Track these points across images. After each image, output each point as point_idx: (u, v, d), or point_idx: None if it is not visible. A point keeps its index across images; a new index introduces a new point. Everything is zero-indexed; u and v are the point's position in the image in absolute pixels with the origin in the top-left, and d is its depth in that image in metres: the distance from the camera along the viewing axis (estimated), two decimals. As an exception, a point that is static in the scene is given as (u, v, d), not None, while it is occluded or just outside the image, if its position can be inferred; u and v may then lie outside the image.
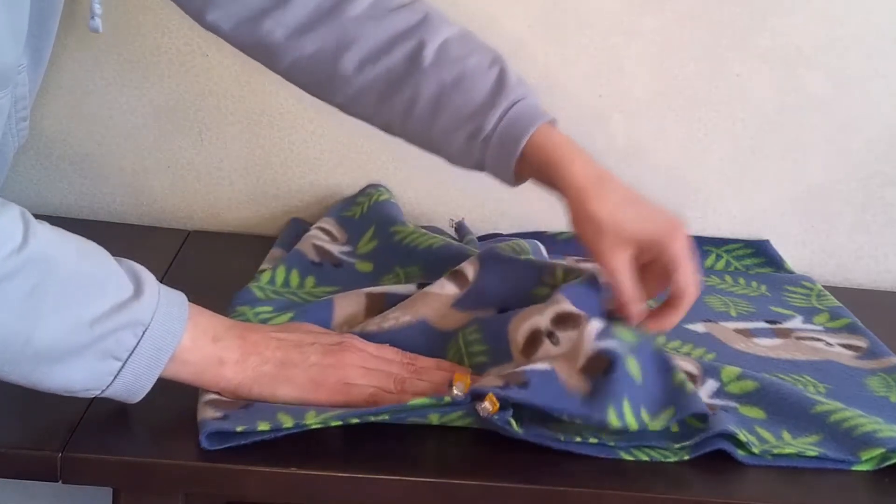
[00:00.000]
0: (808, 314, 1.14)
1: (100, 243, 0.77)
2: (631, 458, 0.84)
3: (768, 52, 1.22)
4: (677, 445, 0.84)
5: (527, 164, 0.93)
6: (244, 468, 0.79)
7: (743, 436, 0.85)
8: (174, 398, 0.84)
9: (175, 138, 1.23)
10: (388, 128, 0.99)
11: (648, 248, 0.88)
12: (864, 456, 0.86)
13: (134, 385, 0.77)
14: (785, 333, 1.09)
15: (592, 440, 0.84)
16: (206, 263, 1.15)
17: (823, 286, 1.24)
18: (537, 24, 1.20)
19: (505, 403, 0.82)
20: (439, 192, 1.26)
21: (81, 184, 1.24)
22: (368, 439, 0.82)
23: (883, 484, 0.86)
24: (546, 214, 1.27)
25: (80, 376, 0.75)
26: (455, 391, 0.83)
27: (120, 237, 1.19)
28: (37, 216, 0.76)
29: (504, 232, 1.27)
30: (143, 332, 0.76)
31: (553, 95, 1.22)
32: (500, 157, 0.93)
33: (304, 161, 1.24)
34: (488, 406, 0.81)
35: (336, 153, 1.24)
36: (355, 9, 0.95)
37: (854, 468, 0.86)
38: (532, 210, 1.27)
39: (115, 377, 0.76)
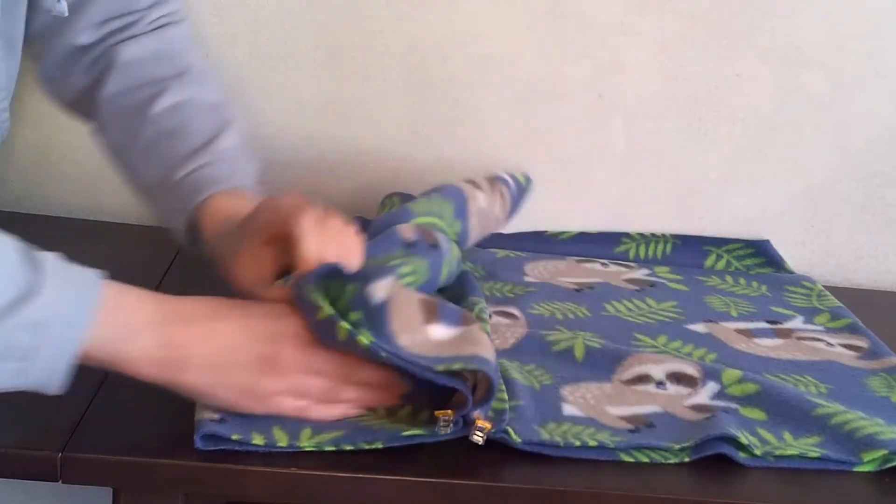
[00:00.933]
0: (809, 314, 1.14)
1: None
2: (631, 460, 0.84)
3: (768, 52, 1.22)
4: (677, 447, 0.84)
5: (201, 227, 0.92)
6: (244, 468, 0.79)
7: (744, 438, 0.85)
8: (174, 398, 0.84)
9: (175, 138, 1.23)
10: (117, 165, 1.00)
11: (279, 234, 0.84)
12: (866, 457, 0.86)
13: (45, 378, 0.74)
14: (786, 334, 1.09)
15: (592, 443, 0.84)
16: (206, 263, 1.15)
17: (823, 286, 1.24)
18: (537, 24, 1.20)
19: (498, 417, 0.83)
20: (439, 192, 1.26)
21: (81, 184, 1.24)
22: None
23: (884, 484, 0.86)
24: (545, 217, 1.27)
25: None
26: (444, 429, 0.81)
27: (120, 237, 1.19)
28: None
29: (504, 232, 1.27)
30: (43, 332, 0.71)
31: (553, 95, 1.23)
32: (176, 213, 0.93)
33: (304, 161, 1.24)
34: (480, 436, 0.81)
35: (336, 153, 1.24)
36: (133, 50, 0.98)
37: (856, 469, 0.86)
38: (532, 210, 1.27)
39: (23, 377, 0.73)
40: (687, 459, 0.84)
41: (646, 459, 0.84)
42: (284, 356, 0.79)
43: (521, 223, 1.27)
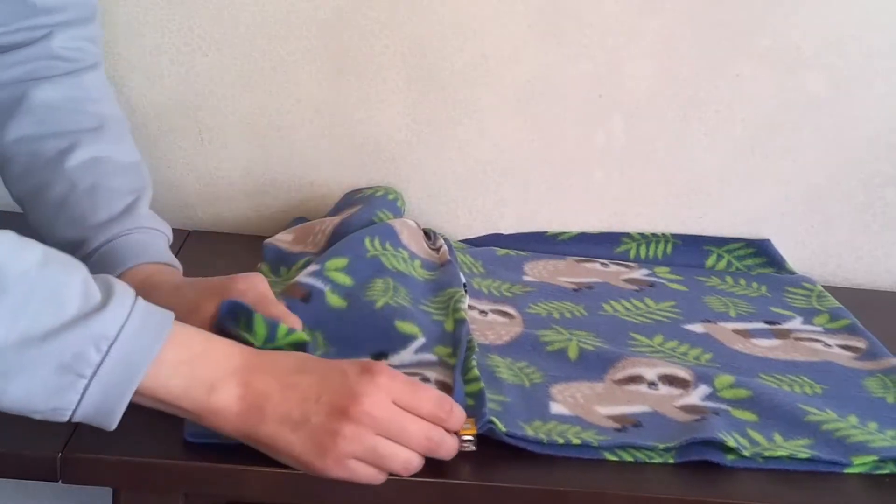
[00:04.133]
0: (808, 315, 1.14)
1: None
2: (615, 459, 0.84)
3: (768, 52, 1.22)
4: (662, 447, 0.84)
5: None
6: (244, 468, 0.79)
7: (732, 441, 0.85)
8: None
9: (175, 138, 1.23)
10: (22, 208, 0.97)
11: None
12: (857, 461, 0.86)
13: (104, 405, 0.71)
14: (784, 334, 1.09)
15: (575, 441, 0.84)
16: (207, 263, 1.15)
17: (823, 286, 1.24)
18: (537, 24, 1.20)
19: (479, 408, 0.84)
20: (439, 193, 1.26)
21: (81, 184, 1.24)
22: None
23: (883, 485, 0.86)
24: (545, 217, 1.27)
25: (40, 393, 0.69)
26: (469, 446, 0.82)
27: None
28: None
29: (504, 232, 1.27)
30: (109, 347, 0.70)
31: (553, 95, 1.23)
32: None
33: (304, 161, 1.24)
34: (469, 441, 0.81)
35: (336, 153, 1.24)
36: (46, 92, 0.95)
37: (846, 471, 0.86)
38: (532, 210, 1.27)
39: (82, 396, 0.70)
40: (671, 461, 0.84)
41: (630, 459, 0.84)
42: (358, 411, 0.75)
43: (521, 223, 1.27)
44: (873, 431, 0.90)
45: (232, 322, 0.82)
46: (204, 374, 0.74)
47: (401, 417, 0.76)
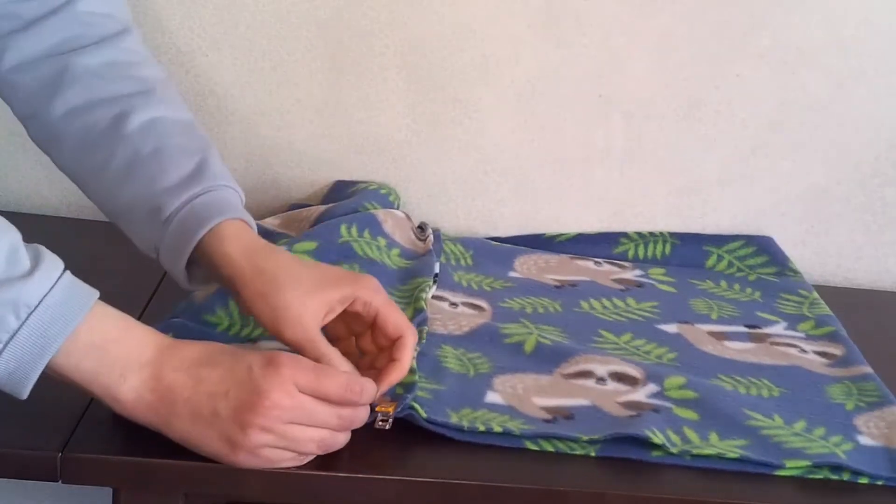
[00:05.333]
0: (794, 321, 1.13)
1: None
2: (536, 448, 0.85)
3: (768, 52, 1.22)
4: (585, 438, 0.85)
5: (204, 257, 0.87)
6: (244, 468, 0.79)
7: (658, 438, 0.85)
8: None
9: (175, 138, 1.23)
10: (82, 184, 0.94)
11: (338, 303, 0.85)
12: (789, 464, 0.86)
13: (17, 372, 0.71)
14: (761, 338, 1.08)
15: (497, 429, 0.85)
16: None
17: (823, 286, 1.24)
18: (537, 24, 1.20)
19: (404, 395, 0.85)
20: (439, 193, 1.26)
21: (81, 184, 1.24)
22: (368, 440, 0.82)
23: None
24: (546, 215, 1.27)
25: None
26: (384, 425, 0.83)
27: (120, 237, 1.19)
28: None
29: (502, 235, 1.27)
30: (28, 315, 0.70)
31: (553, 95, 1.23)
32: (175, 243, 0.87)
33: (304, 161, 1.24)
34: (384, 421, 0.83)
35: (336, 153, 1.24)
36: (86, 60, 0.93)
37: (777, 473, 0.86)
38: (532, 211, 1.27)
39: None
40: (593, 454, 0.85)
41: (551, 449, 0.85)
42: (263, 407, 0.75)
43: (521, 223, 1.27)
44: (815, 438, 0.90)
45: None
46: (116, 361, 0.75)
47: (308, 404, 0.77)
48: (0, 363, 0.70)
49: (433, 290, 1.06)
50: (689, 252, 1.25)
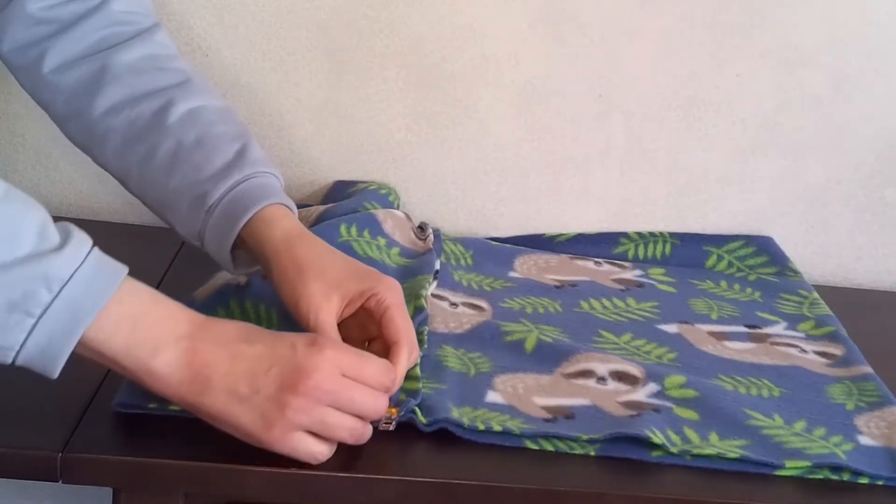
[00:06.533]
0: (794, 321, 1.13)
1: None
2: (536, 447, 0.85)
3: (768, 52, 1.22)
4: (585, 438, 0.85)
5: (247, 242, 0.89)
6: (244, 468, 0.79)
7: (658, 437, 0.85)
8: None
9: (175, 138, 1.23)
10: (125, 179, 0.96)
11: (357, 297, 0.86)
12: (790, 464, 0.86)
13: (50, 349, 0.71)
14: (761, 338, 1.08)
15: (497, 428, 0.85)
16: (208, 262, 1.15)
17: (824, 286, 1.24)
18: (537, 24, 1.20)
19: (407, 400, 0.85)
20: (439, 193, 1.26)
21: (81, 184, 1.24)
22: (368, 440, 0.82)
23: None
24: (545, 217, 1.27)
25: None
26: (386, 426, 0.84)
27: (120, 237, 1.19)
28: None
29: (502, 235, 1.27)
30: (60, 289, 0.70)
31: (553, 95, 1.23)
32: (220, 228, 0.89)
33: (304, 161, 1.24)
34: (388, 423, 0.83)
35: (336, 153, 1.24)
36: (124, 56, 0.96)
37: (777, 473, 0.86)
38: (532, 211, 1.27)
39: (28, 336, 0.70)
40: (593, 453, 0.85)
41: (551, 448, 0.85)
42: (306, 385, 0.75)
43: (521, 223, 1.27)
44: (816, 438, 0.90)
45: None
46: (149, 335, 0.74)
47: (349, 388, 0.77)
48: (32, 339, 0.70)
49: (433, 287, 1.07)
50: (689, 252, 1.25)
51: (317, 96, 1.22)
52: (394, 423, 0.83)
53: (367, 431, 0.80)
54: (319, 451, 0.78)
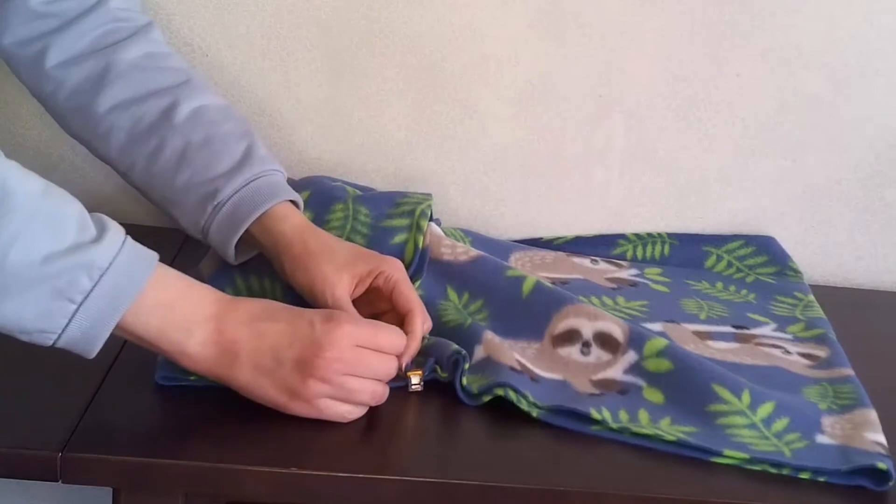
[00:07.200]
0: (784, 323, 1.12)
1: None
2: (489, 398, 0.89)
3: (768, 52, 1.22)
4: (531, 398, 0.89)
5: (255, 236, 0.96)
6: (244, 468, 0.79)
7: (597, 413, 0.88)
8: (174, 398, 0.84)
9: (175, 138, 1.23)
10: (128, 172, 1.00)
11: (366, 276, 0.94)
12: (728, 453, 0.87)
13: (90, 332, 0.76)
14: (746, 339, 1.07)
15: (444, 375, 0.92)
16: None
17: (823, 286, 1.23)
18: (537, 24, 1.20)
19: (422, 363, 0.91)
20: (439, 194, 1.25)
21: (81, 184, 1.24)
22: (368, 439, 0.83)
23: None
24: (545, 217, 1.27)
25: (32, 314, 0.74)
26: (416, 387, 0.90)
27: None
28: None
29: (502, 236, 1.27)
30: (100, 277, 0.75)
31: (553, 95, 1.23)
32: (229, 223, 0.95)
33: (304, 161, 1.24)
34: (417, 384, 0.90)
35: (336, 153, 1.24)
36: (126, 55, 0.99)
37: (713, 460, 0.86)
38: (531, 211, 1.27)
39: (70, 320, 0.75)
40: (535, 414, 0.88)
41: (501, 393, 0.89)
42: (325, 359, 0.82)
43: (521, 223, 1.27)
44: (770, 435, 0.90)
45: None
46: (182, 317, 0.80)
47: (366, 357, 0.84)
48: (75, 322, 0.75)
49: (432, 207, 1.11)
50: (688, 252, 1.25)
51: (317, 96, 1.22)
52: (421, 383, 0.90)
53: (385, 391, 0.87)
54: (347, 410, 0.84)
